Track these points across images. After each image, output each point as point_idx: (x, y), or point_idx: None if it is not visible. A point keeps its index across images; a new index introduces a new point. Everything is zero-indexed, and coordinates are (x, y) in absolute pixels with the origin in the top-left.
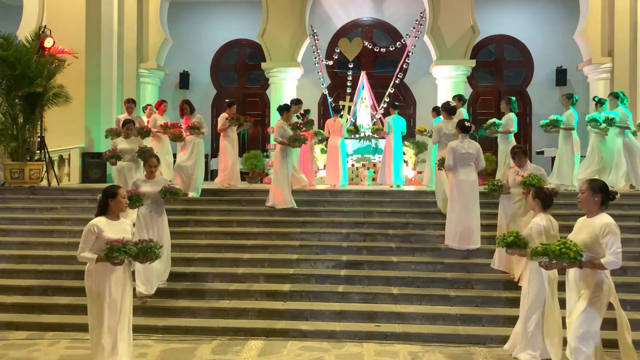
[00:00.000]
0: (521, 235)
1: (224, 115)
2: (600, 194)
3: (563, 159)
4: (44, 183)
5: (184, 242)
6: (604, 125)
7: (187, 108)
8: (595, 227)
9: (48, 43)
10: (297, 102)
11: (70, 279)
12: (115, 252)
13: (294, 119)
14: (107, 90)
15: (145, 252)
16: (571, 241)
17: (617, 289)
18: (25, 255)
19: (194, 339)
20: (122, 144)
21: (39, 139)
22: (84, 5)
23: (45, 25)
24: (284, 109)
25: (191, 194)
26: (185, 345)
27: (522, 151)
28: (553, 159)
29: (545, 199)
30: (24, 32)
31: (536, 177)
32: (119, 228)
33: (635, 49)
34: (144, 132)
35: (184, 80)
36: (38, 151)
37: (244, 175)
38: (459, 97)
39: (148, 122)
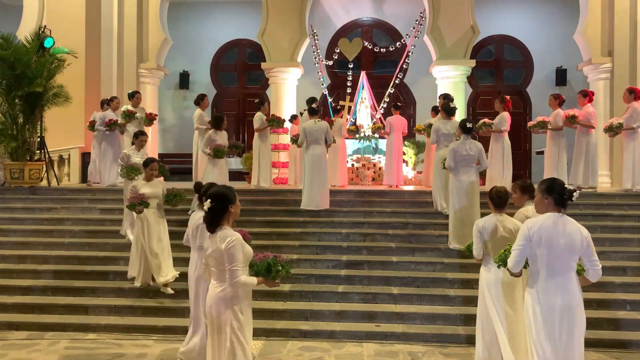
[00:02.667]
0: None
1: (260, 114)
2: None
3: (552, 160)
4: (44, 183)
5: None
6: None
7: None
8: None
9: (48, 43)
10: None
11: (70, 279)
12: (279, 269)
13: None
14: (107, 90)
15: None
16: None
17: (616, 289)
18: (25, 255)
19: None
20: (144, 187)
21: (39, 139)
22: (83, 5)
23: (45, 25)
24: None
25: None
26: None
27: (519, 187)
28: None
29: (494, 198)
30: (24, 32)
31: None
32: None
33: (635, 49)
34: (150, 120)
35: (184, 80)
36: (38, 151)
37: (243, 175)
38: (444, 96)
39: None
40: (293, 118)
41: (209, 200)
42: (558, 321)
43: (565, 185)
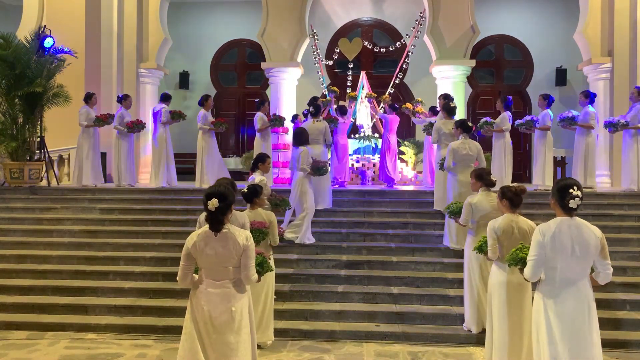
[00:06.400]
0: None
1: (261, 114)
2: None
3: (540, 160)
4: (44, 183)
5: (184, 242)
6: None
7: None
8: None
9: (48, 43)
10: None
11: (70, 279)
12: (269, 266)
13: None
14: (107, 90)
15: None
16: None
17: (616, 289)
18: (25, 255)
19: None
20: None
21: (38, 139)
22: (83, 5)
23: (45, 25)
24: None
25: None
26: None
27: (474, 175)
28: (554, 159)
29: (513, 198)
30: (24, 32)
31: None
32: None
33: (635, 49)
34: (178, 115)
35: (184, 80)
36: (38, 151)
37: (244, 175)
38: (444, 96)
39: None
40: (295, 118)
41: (215, 199)
42: (573, 327)
43: (570, 189)
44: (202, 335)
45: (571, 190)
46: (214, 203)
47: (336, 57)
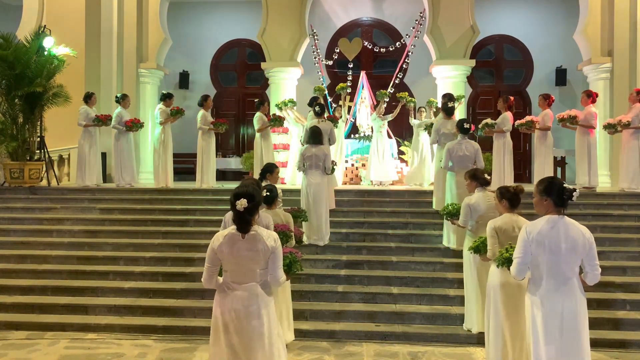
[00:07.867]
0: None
1: (260, 114)
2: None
3: (540, 160)
4: (44, 183)
5: (184, 242)
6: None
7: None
8: None
9: (48, 43)
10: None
11: (70, 279)
12: (299, 267)
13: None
14: (106, 90)
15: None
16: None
17: (616, 289)
18: (25, 255)
19: (194, 339)
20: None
21: (38, 139)
22: (83, 5)
23: (45, 25)
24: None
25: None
26: (185, 345)
27: (469, 176)
28: (554, 159)
29: (512, 198)
30: (24, 31)
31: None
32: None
33: (635, 49)
34: (176, 112)
35: (184, 80)
36: (38, 151)
37: (244, 175)
38: (445, 96)
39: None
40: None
41: (244, 200)
42: (561, 326)
43: (564, 185)
44: (227, 339)
45: (565, 185)
46: (242, 203)
47: (336, 57)
